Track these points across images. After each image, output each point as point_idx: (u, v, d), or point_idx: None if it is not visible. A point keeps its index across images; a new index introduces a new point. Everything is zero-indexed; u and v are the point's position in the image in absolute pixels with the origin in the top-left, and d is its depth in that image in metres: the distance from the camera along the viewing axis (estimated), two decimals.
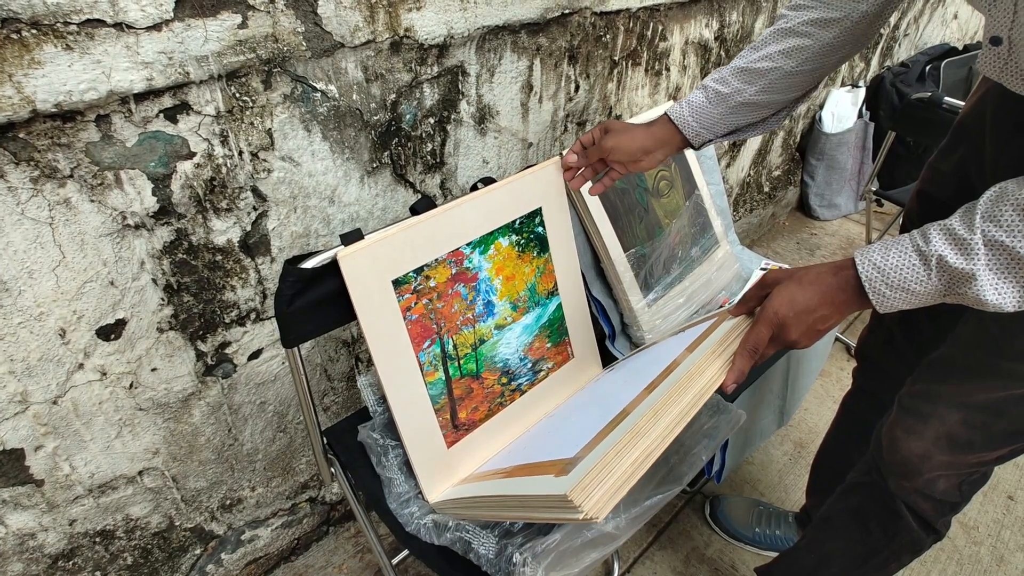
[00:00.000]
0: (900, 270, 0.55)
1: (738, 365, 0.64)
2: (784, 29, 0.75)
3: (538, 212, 0.87)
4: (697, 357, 0.66)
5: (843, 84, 2.34)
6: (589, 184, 1.05)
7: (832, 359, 1.82)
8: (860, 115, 2.32)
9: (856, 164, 2.44)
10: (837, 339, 1.88)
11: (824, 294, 0.60)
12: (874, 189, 1.84)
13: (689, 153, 1.29)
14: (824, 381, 1.75)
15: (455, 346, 0.81)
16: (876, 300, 0.57)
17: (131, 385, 0.85)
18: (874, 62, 2.45)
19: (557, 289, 0.93)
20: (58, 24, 0.61)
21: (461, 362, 0.82)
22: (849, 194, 2.52)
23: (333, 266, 0.70)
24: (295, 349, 0.76)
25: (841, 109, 2.27)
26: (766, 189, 2.28)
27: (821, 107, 2.30)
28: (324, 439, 0.89)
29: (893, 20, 2.38)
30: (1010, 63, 0.61)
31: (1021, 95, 0.62)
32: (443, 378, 0.80)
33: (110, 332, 0.80)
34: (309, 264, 0.70)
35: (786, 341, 0.62)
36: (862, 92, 2.30)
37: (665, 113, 0.83)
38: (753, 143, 2.02)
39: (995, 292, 0.52)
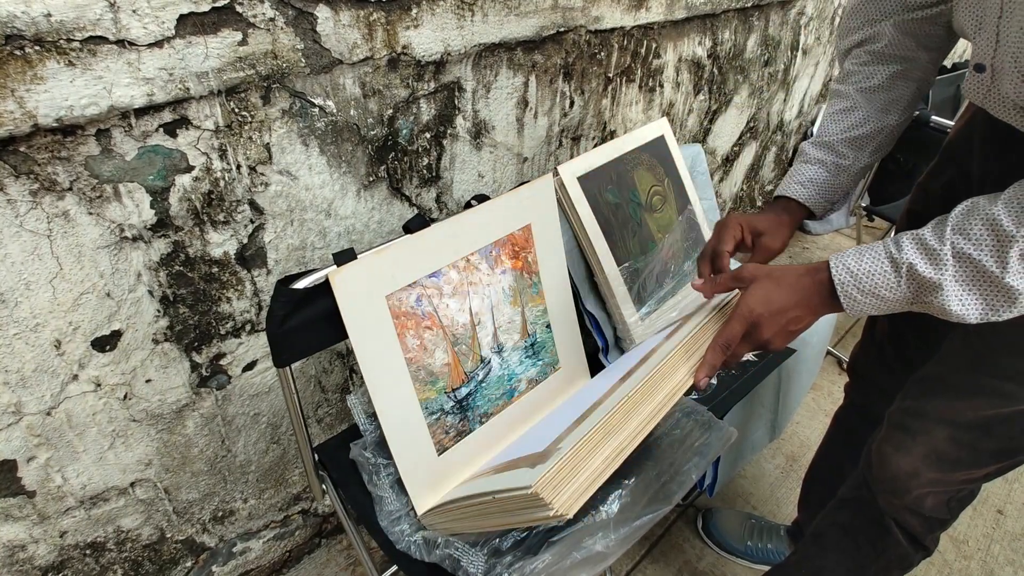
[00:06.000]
0: (872, 276, 0.57)
1: (709, 360, 0.64)
2: (869, 87, 0.77)
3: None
4: (670, 348, 0.66)
5: None
6: (584, 200, 1.07)
7: (824, 373, 1.83)
8: None
9: None
10: (829, 352, 1.90)
11: (799, 295, 0.61)
12: (864, 205, 1.87)
13: (682, 169, 1.31)
14: (816, 394, 1.76)
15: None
16: (847, 304, 0.58)
17: (125, 396, 0.86)
18: None
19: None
20: (61, 41, 0.62)
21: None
22: (840, 209, 2.54)
23: (325, 285, 0.70)
24: (287, 368, 0.76)
25: None
26: (759, 203, 2.31)
27: (813, 123, 2.33)
28: (315, 455, 0.89)
29: None
30: (992, 90, 0.63)
31: (1003, 120, 0.64)
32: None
33: (105, 343, 0.81)
34: (301, 284, 0.70)
35: (759, 340, 0.63)
36: None
37: (790, 199, 0.82)
38: (746, 158, 2.05)
39: (959, 303, 0.54)
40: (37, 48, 0.61)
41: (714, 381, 1.03)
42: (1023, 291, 0.51)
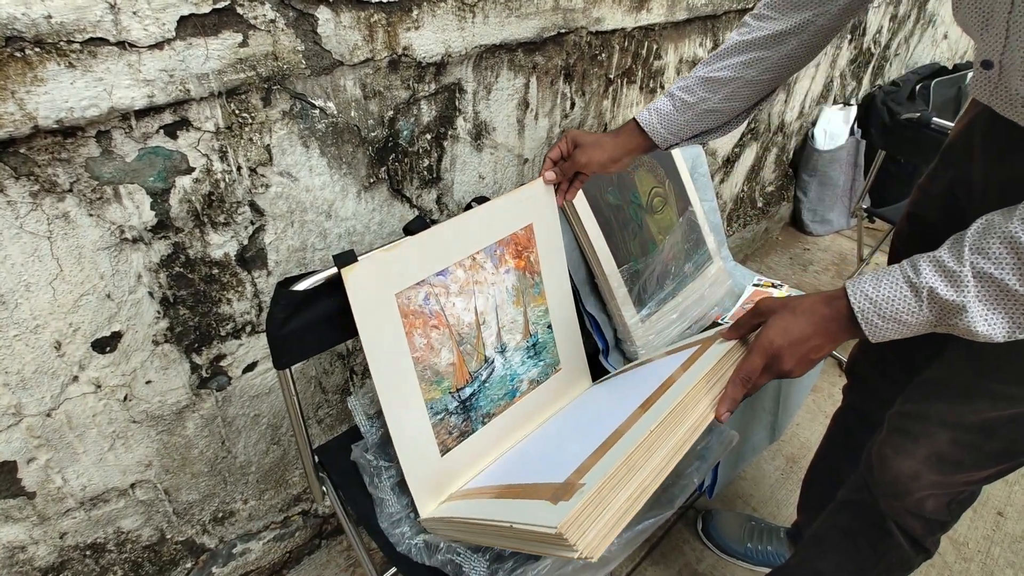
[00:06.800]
0: (892, 301, 0.56)
1: (730, 394, 0.64)
2: (746, 41, 0.78)
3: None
4: (690, 382, 0.66)
5: (835, 102, 2.37)
6: (584, 201, 1.07)
7: (824, 374, 1.83)
8: (852, 133, 2.35)
9: (848, 181, 2.47)
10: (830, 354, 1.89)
11: (817, 324, 0.61)
12: (865, 206, 1.87)
13: (683, 171, 1.31)
14: (816, 396, 1.76)
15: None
16: (868, 330, 0.58)
17: (125, 397, 0.86)
18: (865, 81, 2.49)
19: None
20: (61, 43, 0.62)
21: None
22: (841, 210, 2.54)
23: (326, 287, 0.70)
24: (287, 370, 0.76)
25: (833, 127, 2.30)
26: (760, 204, 2.30)
27: (814, 124, 2.33)
28: (316, 457, 0.89)
29: (884, 39, 2.42)
30: (1000, 87, 0.63)
31: (1009, 119, 0.63)
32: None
33: (105, 345, 0.81)
34: (301, 286, 0.70)
35: (780, 371, 0.63)
36: (854, 110, 2.33)
37: (634, 120, 0.86)
38: (747, 159, 2.05)
39: (985, 323, 0.53)
40: (37, 50, 0.61)
41: None
42: None
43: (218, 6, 0.70)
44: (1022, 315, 0.52)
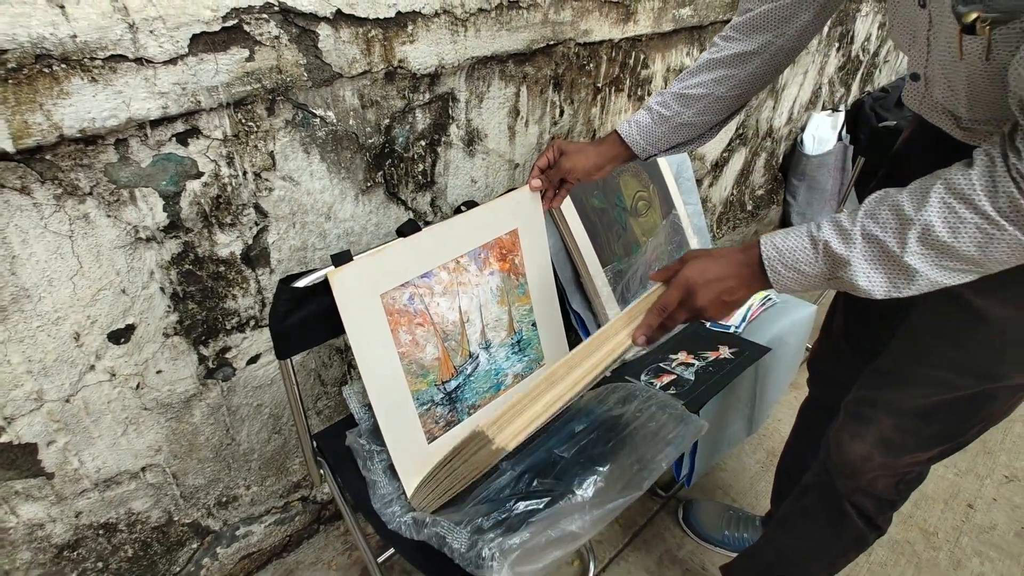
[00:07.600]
0: (794, 252, 0.62)
1: (647, 320, 0.71)
2: (715, 59, 0.85)
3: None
4: (615, 318, 0.75)
5: (824, 108, 2.43)
6: (571, 204, 1.13)
7: (804, 371, 1.89)
8: (840, 138, 2.41)
9: (836, 185, 2.53)
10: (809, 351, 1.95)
11: (731, 267, 0.67)
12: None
13: (667, 175, 1.37)
14: (798, 393, 1.81)
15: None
16: (773, 277, 0.64)
17: (138, 386, 0.92)
18: (854, 87, 2.55)
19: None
20: (85, 59, 0.68)
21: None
22: (829, 213, 2.60)
23: (325, 284, 0.76)
24: (287, 361, 0.82)
25: (822, 132, 2.36)
26: (749, 208, 2.36)
27: (803, 130, 2.39)
28: (314, 443, 0.95)
29: (872, 47, 2.48)
30: (926, 97, 0.70)
31: (936, 125, 0.71)
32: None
33: (120, 336, 0.87)
34: (302, 284, 0.76)
35: (694, 306, 0.69)
36: (842, 116, 2.39)
37: (615, 132, 0.92)
38: (735, 163, 2.11)
39: (866, 279, 0.59)
40: (63, 66, 0.67)
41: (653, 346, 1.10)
42: (919, 270, 0.56)
43: (227, 24, 0.76)
44: (898, 276, 0.58)
